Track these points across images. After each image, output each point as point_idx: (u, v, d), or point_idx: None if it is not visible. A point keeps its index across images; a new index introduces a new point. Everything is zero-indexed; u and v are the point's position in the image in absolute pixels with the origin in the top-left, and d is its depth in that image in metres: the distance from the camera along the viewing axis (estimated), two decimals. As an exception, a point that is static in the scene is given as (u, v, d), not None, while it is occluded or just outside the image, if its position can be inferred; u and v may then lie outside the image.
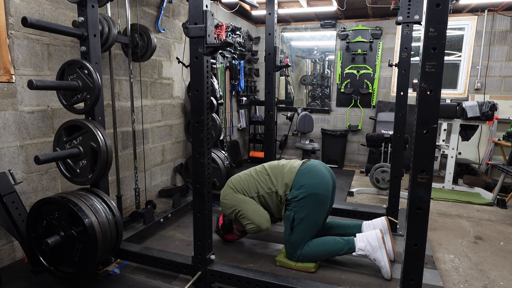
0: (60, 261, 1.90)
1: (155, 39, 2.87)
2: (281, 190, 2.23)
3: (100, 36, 2.33)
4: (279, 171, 2.29)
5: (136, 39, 2.80)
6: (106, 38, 2.42)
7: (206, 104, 1.71)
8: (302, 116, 5.09)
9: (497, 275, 2.20)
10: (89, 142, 1.89)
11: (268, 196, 2.28)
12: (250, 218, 2.23)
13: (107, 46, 2.46)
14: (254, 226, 2.23)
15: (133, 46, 2.80)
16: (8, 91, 2.11)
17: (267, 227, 2.26)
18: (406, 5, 2.38)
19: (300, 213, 2.14)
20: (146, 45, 2.85)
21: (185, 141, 4.07)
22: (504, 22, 4.60)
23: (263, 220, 2.24)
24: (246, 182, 2.34)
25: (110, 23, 2.43)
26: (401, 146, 2.61)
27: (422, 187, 1.32)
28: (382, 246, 2.07)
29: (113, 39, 2.46)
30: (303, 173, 2.23)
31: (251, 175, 2.36)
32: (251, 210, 2.25)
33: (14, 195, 2.02)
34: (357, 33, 5.26)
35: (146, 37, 2.83)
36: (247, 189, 2.31)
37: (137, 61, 2.93)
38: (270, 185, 2.27)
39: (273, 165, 2.37)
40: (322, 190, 2.19)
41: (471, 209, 3.48)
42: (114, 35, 2.46)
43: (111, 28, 2.43)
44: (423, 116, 1.28)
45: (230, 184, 2.38)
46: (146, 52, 2.88)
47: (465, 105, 3.82)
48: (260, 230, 2.25)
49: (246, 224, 2.26)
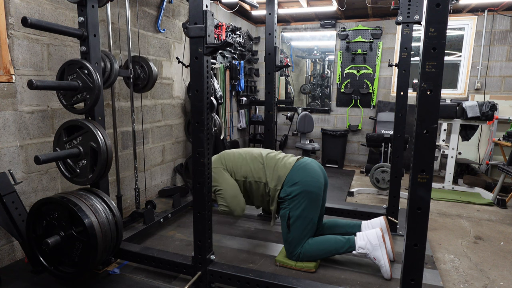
0: (60, 261, 1.90)
1: (155, 69, 2.89)
2: (272, 183, 2.25)
3: (103, 73, 2.36)
4: (274, 163, 2.30)
5: (138, 71, 2.82)
6: (109, 76, 2.44)
7: (206, 104, 1.71)
8: (302, 116, 5.09)
9: (497, 275, 2.20)
10: (89, 142, 1.89)
11: (255, 184, 2.30)
12: (226, 200, 2.27)
13: (109, 83, 2.48)
14: (227, 209, 2.28)
15: (135, 78, 2.82)
16: (8, 91, 2.11)
17: (238, 214, 2.31)
18: (406, 5, 2.38)
19: (295, 211, 2.15)
20: (148, 76, 2.87)
21: (185, 141, 4.07)
22: (504, 22, 4.60)
23: (238, 208, 2.29)
24: (238, 164, 2.34)
25: (112, 59, 2.45)
26: (401, 146, 2.61)
27: (422, 187, 1.32)
28: (382, 245, 2.07)
29: (115, 76, 2.49)
30: (297, 170, 2.24)
31: (245, 158, 2.36)
32: (231, 194, 2.27)
33: (14, 195, 2.02)
34: (357, 33, 5.26)
35: (147, 67, 2.85)
36: (236, 170, 2.33)
37: (139, 92, 2.95)
38: (261, 175, 2.28)
39: (270, 156, 2.36)
40: (315, 187, 2.19)
41: (471, 209, 3.48)
42: (116, 70, 2.48)
43: (113, 64, 2.45)
44: (423, 116, 1.28)
45: (222, 158, 2.39)
46: (147, 83, 2.90)
47: (465, 105, 3.82)
48: (231, 215, 2.31)
49: (220, 204, 2.30)
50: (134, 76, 2.79)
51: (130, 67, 2.74)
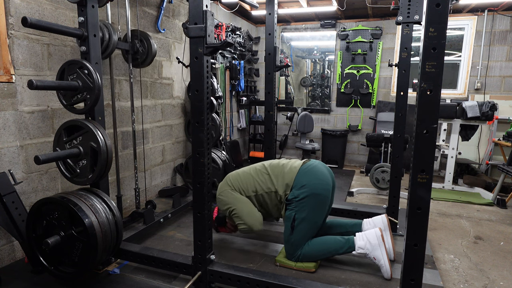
0: (60, 261, 1.90)
1: (155, 44, 2.87)
2: (281, 190, 2.23)
3: (101, 43, 2.33)
4: (280, 171, 2.29)
5: (137, 45, 2.80)
6: (107, 45, 2.43)
7: (206, 104, 1.71)
8: (302, 116, 5.09)
9: (497, 275, 2.20)
10: (89, 142, 1.89)
11: (267, 196, 2.28)
12: (243, 219, 2.24)
13: (107, 53, 2.47)
14: (246, 227, 2.25)
15: (134, 52, 2.81)
16: (8, 91, 2.11)
17: (258, 229, 2.28)
18: (406, 5, 2.38)
19: (301, 213, 2.14)
20: (147, 51, 2.85)
21: (185, 141, 4.07)
22: (504, 22, 4.60)
23: (256, 223, 2.25)
24: (244, 181, 2.33)
25: (110, 29, 2.44)
26: (401, 146, 2.61)
27: (422, 187, 1.32)
28: (381, 244, 2.07)
29: (113, 46, 2.47)
30: (304, 173, 2.23)
31: (250, 174, 2.36)
32: (245, 211, 2.25)
33: (14, 195, 2.02)
34: (357, 33, 5.26)
35: (146, 43, 2.84)
36: (244, 187, 2.31)
37: (137, 67, 2.93)
38: (270, 184, 2.27)
39: (273, 164, 2.36)
40: (323, 190, 2.18)
41: (471, 209, 3.48)
42: (115, 41, 2.47)
43: (111, 35, 2.44)
44: (423, 116, 1.28)
45: (228, 181, 2.38)
46: (146, 58, 2.88)
47: (465, 105, 3.82)
48: (251, 231, 2.28)
49: (238, 224, 2.27)
50: (133, 50, 2.76)
51: (129, 39, 2.72)
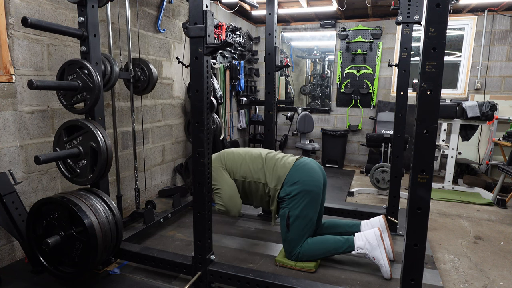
0: (60, 261, 1.90)
1: (155, 71, 2.88)
2: (272, 183, 2.25)
3: (103, 76, 2.36)
4: (273, 163, 2.30)
5: (138, 73, 2.82)
6: (109, 78, 2.45)
7: (206, 104, 1.71)
8: (302, 116, 5.09)
9: (497, 275, 2.20)
10: (89, 142, 1.89)
11: (254, 185, 2.30)
12: (223, 200, 2.27)
13: (110, 86, 2.48)
14: (224, 209, 2.29)
15: (135, 81, 2.82)
16: (8, 91, 2.11)
17: (234, 215, 2.33)
18: (406, 5, 2.38)
19: (295, 210, 2.15)
20: (148, 79, 2.86)
21: (185, 141, 4.07)
22: (504, 22, 4.60)
23: (234, 209, 2.30)
24: (237, 164, 2.35)
25: (112, 61, 2.45)
26: (401, 146, 2.61)
27: (422, 187, 1.32)
28: (380, 244, 2.07)
29: (115, 78, 2.49)
30: (297, 170, 2.24)
31: (244, 158, 2.36)
32: (228, 194, 2.28)
33: (14, 195, 2.02)
34: (357, 33, 5.26)
35: (147, 70, 2.85)
36: (235, 170, 2.33)
37: (139, 94, 2.94)
38: (261, 175, 2.29)
39: (269, 156, 2.37)
40: (314, 187, 2.20)
41: (471, 209, 3.48)
42: (116, 73, 2.49)
43: (113, 67, 2.45)
44: (423, 116, 1.28)
45: (222, 157, 2.39)
46: (148, 86, 2.89)
47: (465, 105, 3.82)
48: (226, 215, 2.33)
49: (217, 203, 2.30)
50: (134, 78, 2.79)
51: (131, 68, 2.74)
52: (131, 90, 2.78)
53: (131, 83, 2.76)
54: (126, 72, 2.72)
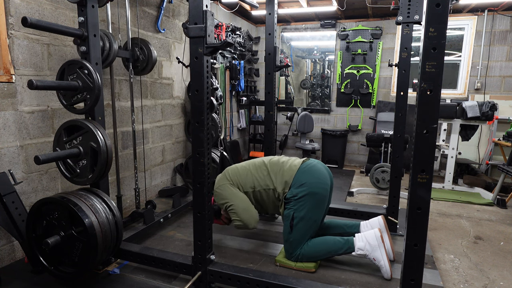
0: (60, 261, 1.90)
1: (155, 52, 2.87)
2: (279, 187, 2.24)
3: (101, 52, 2.35)
4: (279, 168, 2.29)
5: (137, 53, 2.81)
6: (107, 55, 2.44)
7: (206, 104, 1.71)
8: (302, 116, 5.09)
9: (497, 275, 2.20)
10: (89, 142, 1.89)
11: (264, 192, 2.29)
12: (239, 215, 2.25)
13: (108, 62, 2.48)
14: (242, 223, 2.26)
15: (134, 60, 2.81)
16: (8, 91, 2.11)
17: (253, 227, 2.29)
18: (406, 5, 2.38)
19: (300, 212, 2.14)
20: (147, 59, 2.86)
21: (185, 141, 4.07)
22: (504, 22, 4.60)
23: (251, 220, 2.27)
24: (243, 176, 2.34)
25: (111, 38, 2.45)
26: (401, 146, 2.61)
27: (422, 187, 1.32)
28: (381, 245, 2.07)
29: (114, 55, 2.48)
30: (303, 172, 2.23)
31: (249, 170, 2.36)
32: (242, 208, 2.26)
33: (14, 195, 2.02)
34: (357, 33, 5.26)
35: (146, 50, 2.84)
36: (243, 183, 2.32)
37: (137, 74, 2.94)
38: (268, 181, 2.27)
39: (273, 161, 2.36)
40: (321, 189, 2.19)
41: (471, 209, 3.48)
42: (115, 50, 2.48)
43: (112, 44, 2.45)
44: (423, 116, 1.28)
45: (227, 174, 2.38)
46: (146, 66, 2.89)
47: (465, 105, 3.82)
48: (246, 229, 2.29)
49: (234, 220, 2.28)
50: (133, 58, 2.77)
51: (130, 47, 2.73)
52: (130, 70, 2.77)
53: (131, 62, 2.75)
54: (125, 51, 2.71)
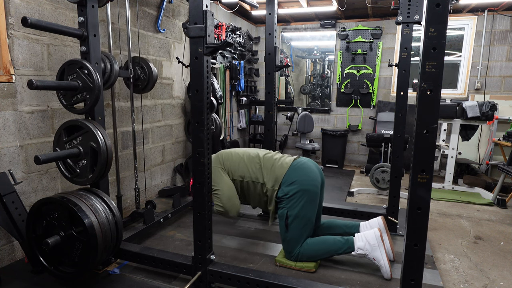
0: (60, 261, 1.90)
1: (155, 70, 2.88)
2: (269, 183, 2.25)
3: (103, 74, 2.36)
4: (271, 164, 2.31)
5: (137, 72, 2.82)
6: (109, 77, 2.44)
7: (206, 104, 1.71)
8: (302, 116, 5.09)
9: (497, 275, 2.20)
10: (89, 142, 1.89)
11: (252, 184, 2.31)
12: (222, 201, 2.28)
13: (109, 84, 2.48)
14: (222, 210, 2.29)
15: (135, 79, 2.82)
16: (8, 91, 2.11)
17: (233, 215, 2.34)
18: (406, 5, 2.38)
19: (293, 210, 2.16)
20: (148, 78, 2.86)
21: (185, 141, 4.07)
22: (504, 22, 4.60)
23: (233, 209, 2.31)
24: (235, 163, 2.35)
25: (112, 60, 2.45)
26: (401, 146, 2.61)
27: (422, 187, 1.32)
28: (381, 245, 2.07)
29: (115, 77, 2.49)
30: (294, 169, 2.25)
31: (242, 159, 2.37)
32: (227, 195, 2.28)
33: (14, 195, 2.02)
34: (357, 33, 5.26)
35: (147, 69, 2.84)
36: (233, 170, 2.34)
37: (138, 92, 2.94)
38: (259, 175, 2.29)
39: (267, 157, 2.37)
40: (312, 186, 2.21)
41: (471, 209, 3.48)
42: (116, 71, 2.48)
43: (113, 65, 2.45)
44: (423, 116, 1.28)
45: (221, 158, 2.40)
46: (147, 84, 2.89)
47: (465, 105, 3.82)
48: (225, 215, 2.33)
49: (216, 204, 2.30)
50: (134, 77, 2.79)
51: (130, 67, 2.74)
52: (131, 89, 2.78)
53: (131, 82, 2.76)
54: (126, 71, 2.72)
